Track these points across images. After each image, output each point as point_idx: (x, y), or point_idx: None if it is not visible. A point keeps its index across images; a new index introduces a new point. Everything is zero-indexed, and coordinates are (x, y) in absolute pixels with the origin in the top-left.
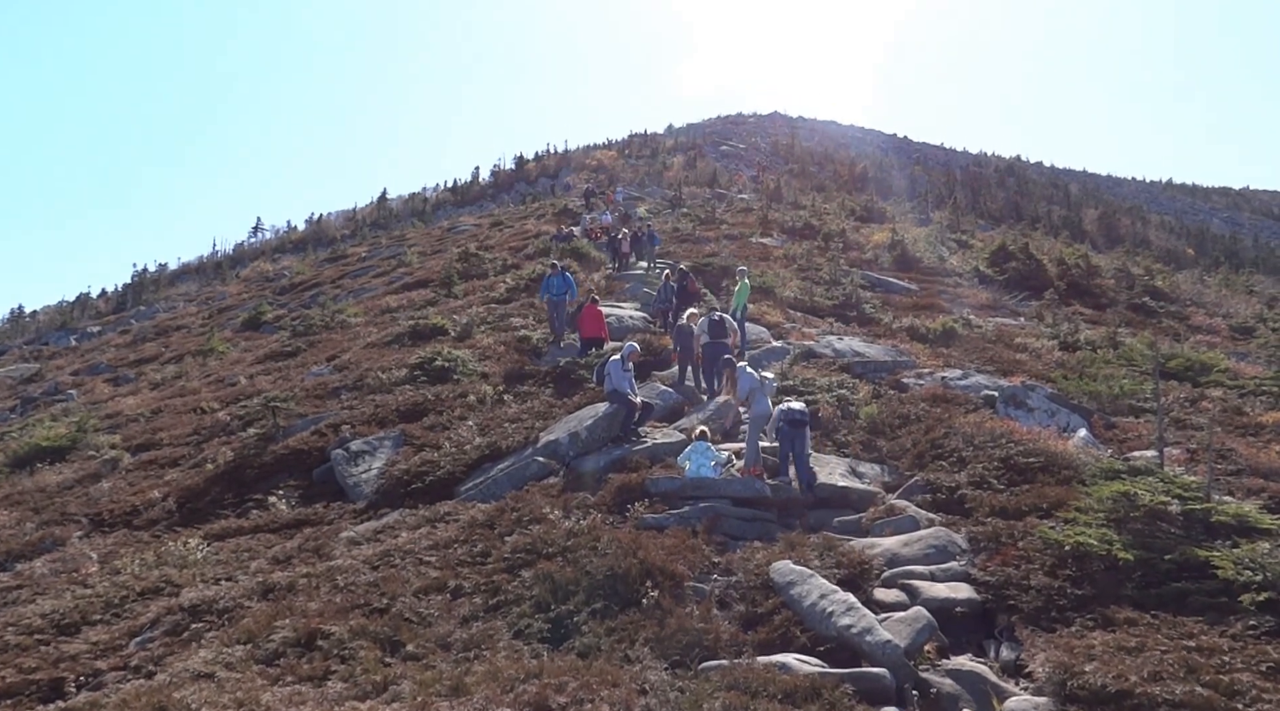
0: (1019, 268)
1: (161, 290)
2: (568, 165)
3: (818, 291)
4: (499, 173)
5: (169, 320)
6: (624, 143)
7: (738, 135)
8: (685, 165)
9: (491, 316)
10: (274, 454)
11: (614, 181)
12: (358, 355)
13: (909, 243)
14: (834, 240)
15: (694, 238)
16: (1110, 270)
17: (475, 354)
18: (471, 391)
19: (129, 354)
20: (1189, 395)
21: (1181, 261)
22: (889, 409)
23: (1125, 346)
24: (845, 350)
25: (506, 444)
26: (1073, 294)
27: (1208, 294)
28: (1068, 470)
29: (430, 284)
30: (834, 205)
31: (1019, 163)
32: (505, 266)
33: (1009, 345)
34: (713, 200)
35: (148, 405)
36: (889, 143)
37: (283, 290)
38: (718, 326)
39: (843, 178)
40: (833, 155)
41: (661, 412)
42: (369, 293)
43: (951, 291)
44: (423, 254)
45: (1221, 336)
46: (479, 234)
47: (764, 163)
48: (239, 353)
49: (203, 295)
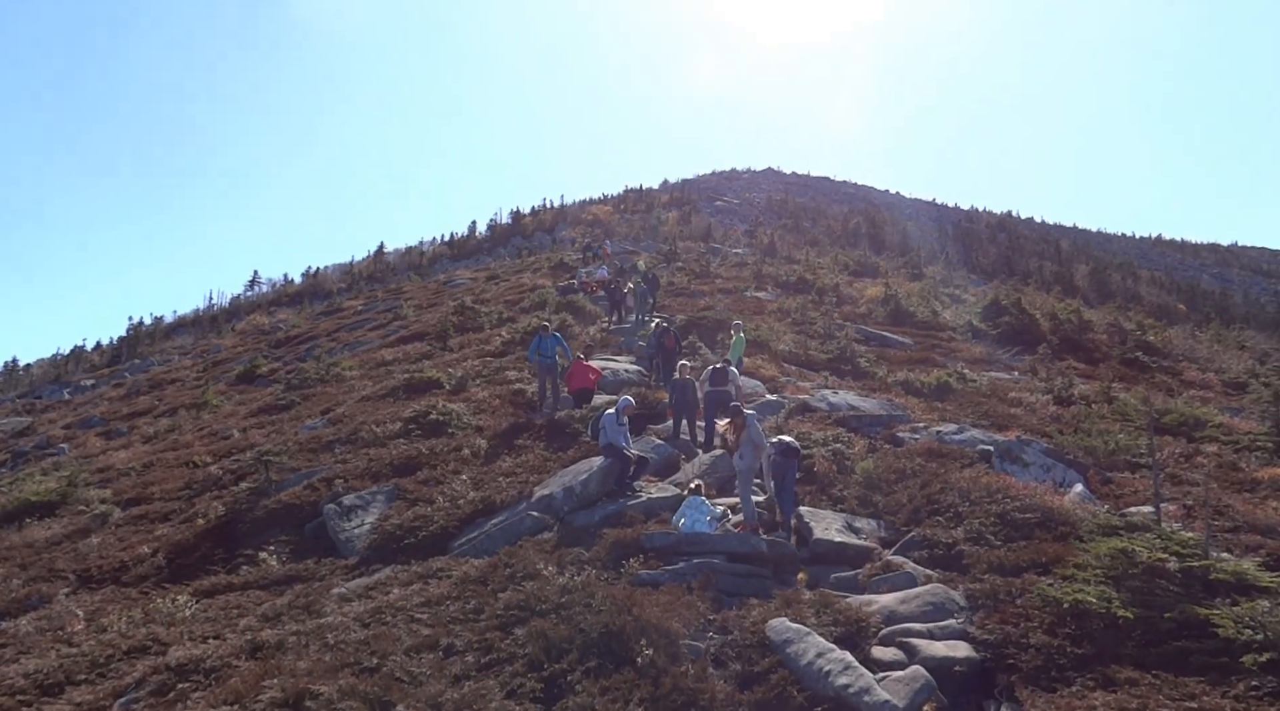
0: (1012, 322)
1: (157, 343)
2: (564, 220)
3: (812, 345)
4: (495, 227)
5: (163, 373)
6: (619, 197)
7: (732, 190)
8: (680, 220)
9: (487, 370)
10: (266, 508)
11: (609, 236)
12: (352, 408)
13: (902, 297)
14: (828, 294)
15: (689, 291)
16: (1103, 325)
17: (470, 407)
18: (466, 445)
19: (122, 407)
20: (1184, 450)
21: (1173, 316)
22: (885, 463)
23: (1119, 401)
24: (840, 404)
25: (501, 498)
26: (1066, 348)
27: (1200, 349)
28: (1065, 526)
29: (426, 337)
30: (827, 260)
31: (1010, 218)
32: (501, 320)
33: (1003, 399)
34: (707, 254)
35: (139, 459)
36: (881, 199)
37: (278, 343)
38: (719, 375)
39: (836, 233)
40: (825, 210)
41: (656, 466)
42: (364, 346)
43: (945, 345)
44: (419, 307)
45: (1215, 391)
46: (475, 287)
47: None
48: (233, 406)
49: (198, 348)
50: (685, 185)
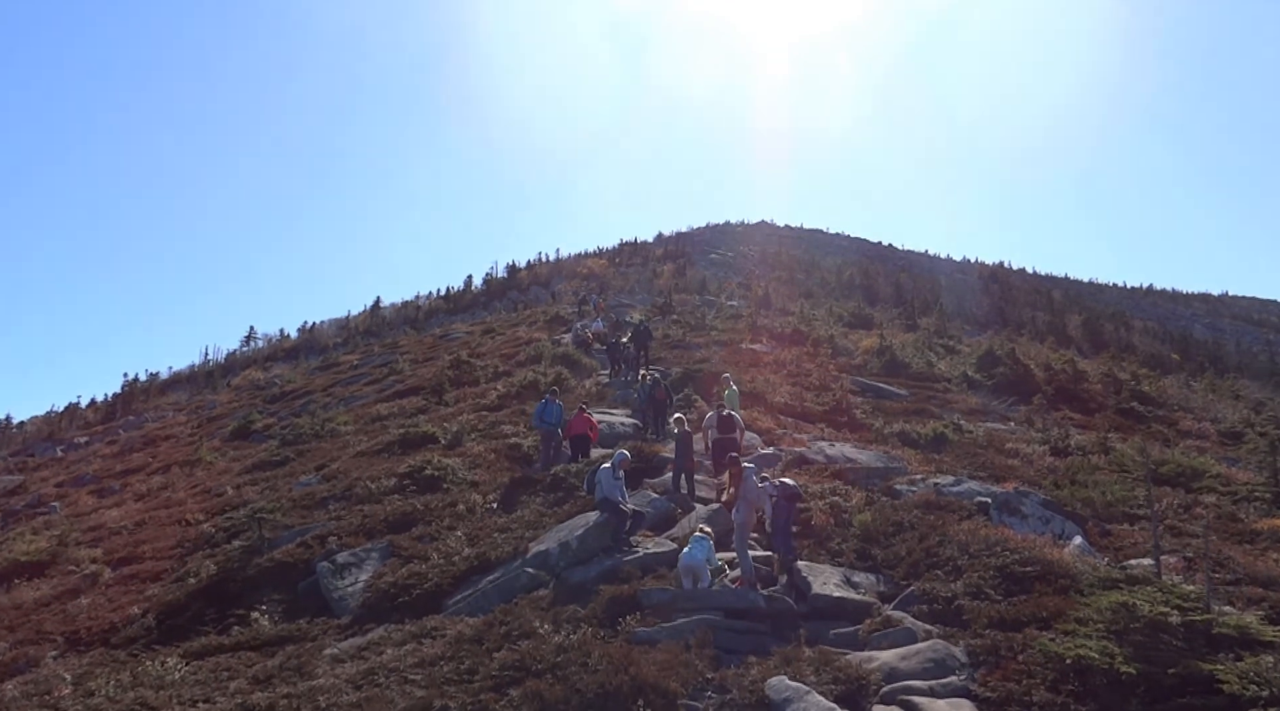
0: (1007, 373)
1: (152, 399)
2: (559, 273)
3: (808, 397)
4: (491, 281)
5: (158, 429)
6: (614, 251)
7: (726, 243)
8: (675, 273)
9: (482, 424)
10: (258, 567)
11: (605, 289)
12: (347, 464)
13: (897, 348)
14: (823, 346)
15: (684, 344)
16: (1097, 375)
17: (465, 462)
18: (461, 501)
19: (115, 464)
20: (1182, 501)
21: (1166, 366)
22: (882, 516)
23: (1116, 452)
24: (837, 456)
25: (496, 555)
26: (1061, 399)
27: (1194, 398)
28: (1065, 579)
29: (422, 391)
30: (822, 311)
31: (1002, 269)
32: (496, 373)
33: (1000, 450)
34: (702, 307)
35: (132, 517)
36: (874, 250)
37: (273, 398)
38: (726, 422)
39: (830, 284)
40: (819, 262)
41: (653, 521)
42: (360, 400)
43: (941, 396)
44: (415, 361)
45: (1211, 441)
46: (471, 341)
47: (753, 270)
48: (227, 462)
49: (193, 404)
50: (679, 238)
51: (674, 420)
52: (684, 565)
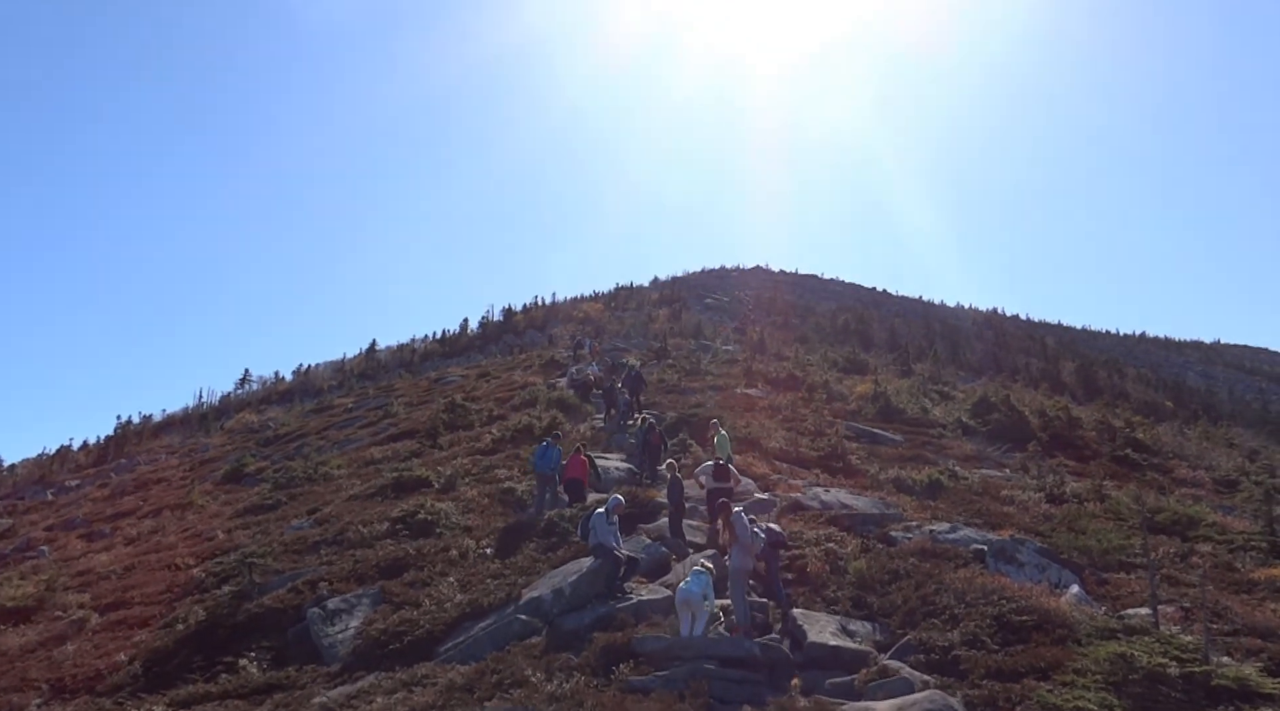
0: (1001, 419)
1: (145, 442)
2: (555, 317)
3: (803, 442)
4: (487, 324)
5: (150, 472)
6: (610, 295)
7: (721, 288)
8: (670, 317)
9: (476, 468)
10: (248, 613)
11: (600, 333)
12: (339, 508)
13: (892, 394)
14: (818, 391)
15: (680, 389)
16: (1091, 422)
17: (459, 506)
18: (454, 546)
19: (106, 508)
20: (1179, 550)
21: (1161, 413)
22: (878, 563)
23: (1111, 499)
24: (832, 502)
25: (488, 601)
26: (1056, 445)
27: (1189, 446)
28: (1062, 629)
29: (416, 435)
30: (817, 356)
31: (996, 315)
32: (491, 417)
33: (995, 497)
34: (697, 351)
35: (121, 562)
36: (868, 296)
37: (267, 441)
38: (721, 471)
39: (824, 329)
40: (814, 307)
41: (647, 567)
42: (354, 444)
43: (936, 442)
44: (409, 405)
45: (1206, 489)
46: (466, 385)
47: (747, 314)
48: (219, 506)
49: (186, 447)
50: (675, 283)
51: (666, 466)
52: (681, 598)
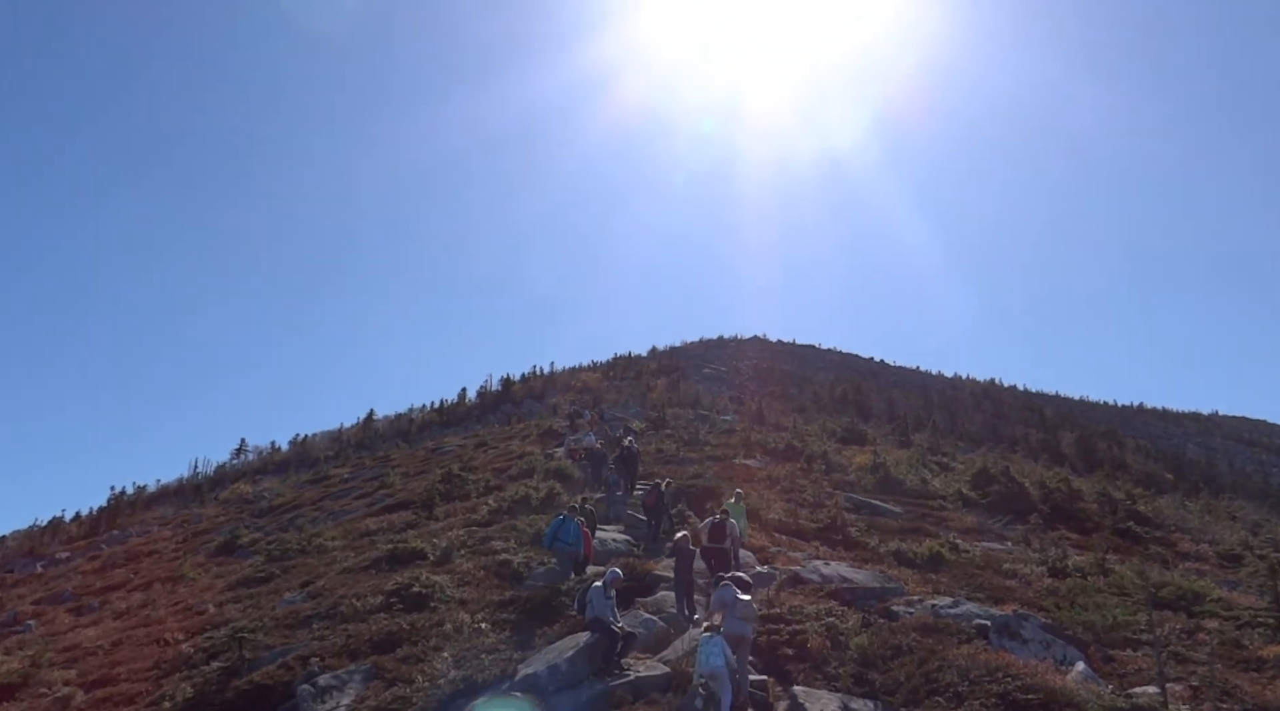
0: (1001, 491)
1: (138, 513)
2: (553, 386)
3: (802, 514)
4: (485, 393)
5: (141, 545)
6: (608, 365)
7: (719, 358)
8: (668, 387)
9: (472, 539)
10: (237, 689)
11: (598, 403)
12: (333, 581)
13: (891, 465)
14: (817, 462)
15: (678, 459)
16: (1092, 494)
17: (454, 579)
18: (449, 619)
19: (96, 581)
20: (1185, 626)
21: (1161, 485)
22: (880, 639)
23: (1115, 573)
24: (832, 575)
25: (483, 677)
26: (1057, 518)
27: (1191, 519)
28: (1069, 708)
29: (412, 505)
30: (815, 427)
31: (994, 386)
32: (488, 488)
33: (998, 571)
34: (695, 421)
35: (109, 636)
36: (866, 366)
37: (261, 512)
38: (717, 529)
39: (823, 399)
40: (812, 377)
41: (645, 642)
42: (349, 515)
43: (936, 514)
44: (405, 475)
45: (1210, 564)
46: (463, 454)
47: (745, 384)
48: (210, 578)
49: (179, 518)
50: (673, 352)
51: (678, 538)
52: (706, 672)
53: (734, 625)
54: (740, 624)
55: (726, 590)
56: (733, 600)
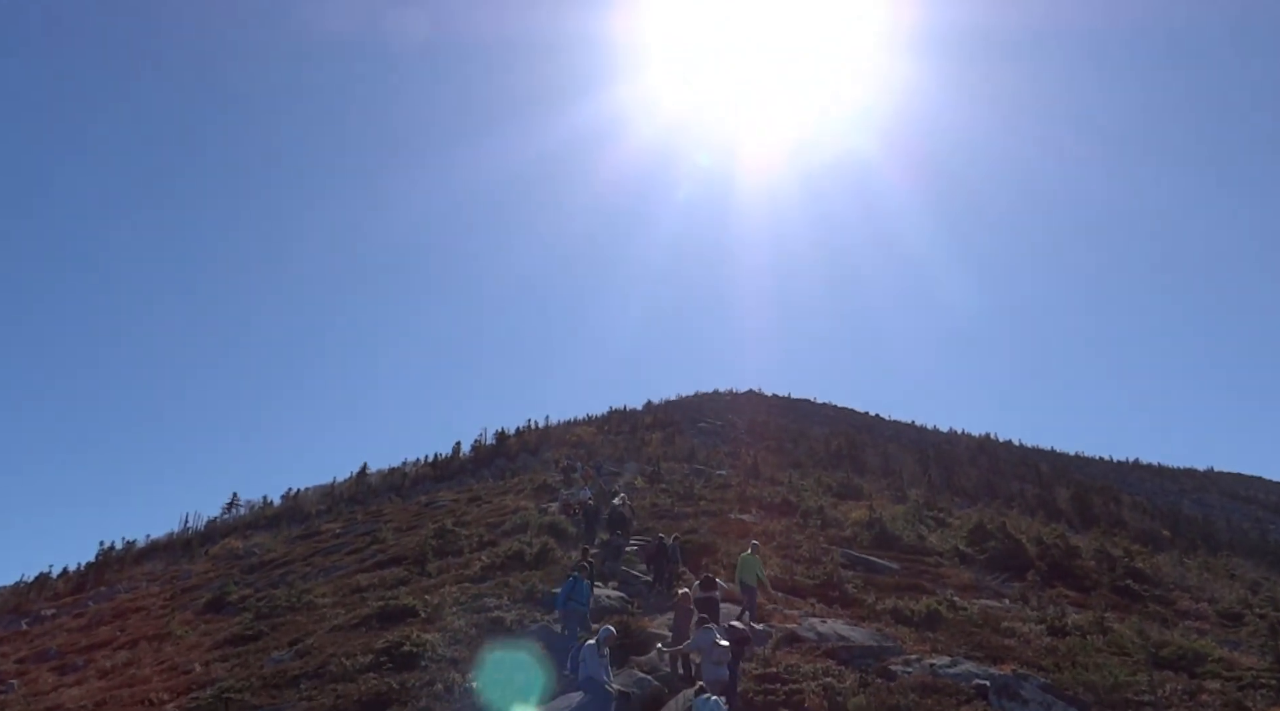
0: (998, 547)
1: (126, 569)
2: (548, 440)
3: (798, 570)
4: (479, 447)
5: (129, 601)
6: (604, 419)
7: (715, 412)
8: (663, 441)
9: (465, 597)
10: None
11: (593, 457)
12: (322, 639)
13: (887, 520)
14: (812, 517)
15: (673, 513)
16: (1090, 551)
17: (445, 637)
18: (440, 679)
19: (81, 638)
20: (1186, 686)
21: (1159, 543)
22: (878, 699)
23: (1115, 632)
24: (829, 633)
25: None
26: (1054, 575)
27: (1190, 577)
28: None
29: (404, 561)
30: (811, 481)
31: (989, 441)
32: (481, 543)
33: (996, 629)
34: (691, 476)
35: (93, 696)
36: (861, 421)
37: (251, 568)
38: (708, 582)
39: (818, 454)
40: (807, 432)
41: (640, 702)
42: (340, 571)
43: (933, 571)
44: (398, 530)
45: (1209, 623)
46: (456, 509)
47: (741, 438)
48: (198, 636)
49: (168, 574)
50: (669, 406)
51: (680, 594)
52: None
53: (710, 671)
54: (716, 669)
55: (706, 634)
56: (710, 645)
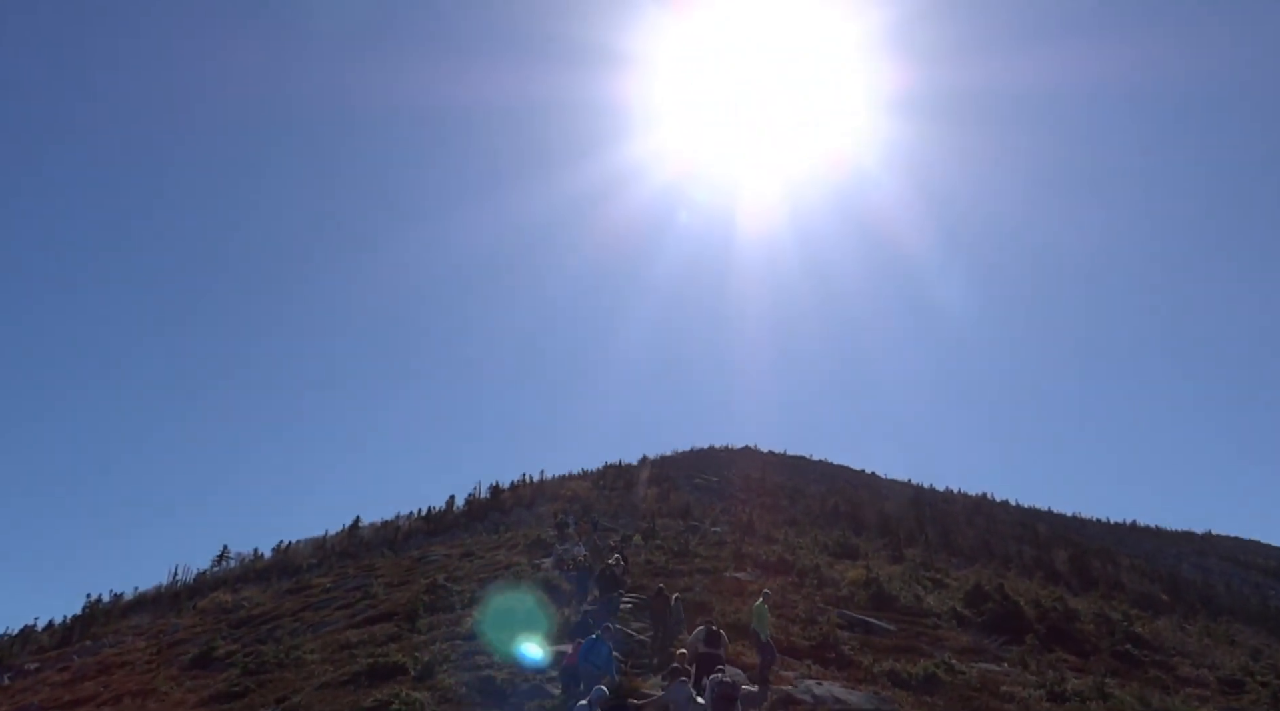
0: (996, 609)
1: (113, 622)
2: (543, 495)
3: (794, 630)
4: (473, 502)
5: (114, 655)
6: (599, 473)
7: (711, 467)
8: (659, 497)
9: (455, 654)
10: None
11: (588, 512)
12: (309, 697)
13: (884, 580)
14: (808, 576)
15: (667, 571)
16: (1089, 614)
17: (435, 696)
18: None
19: (64, 693)
20: None
21: (1158, 606)
22: None
23: (1115, 698)
24: (825, 696)
25: None
26: (1053, 638)
27: (1190, 642)
28: None
29: (394, 617)
30: (806, 539)
31: (986, 501)
32: (473, 599)
33: (995, 694)
34: (686, 533)
35: None
36: (858, 478)
37: (240, 623)
38: (713, 637)
39: (814, 512)
40: (803, 489)
41: None
42: (330, 626)
43: (931, 632)
44: (389, 585)
45: (1211, 690)
46: (449, 564)
47: (736, 495)
48: (183, 693)
49: (155, 628)
50: (664, 462)
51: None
52: None
53: None
54: None
55: (680, 689)
56: (685, 701)
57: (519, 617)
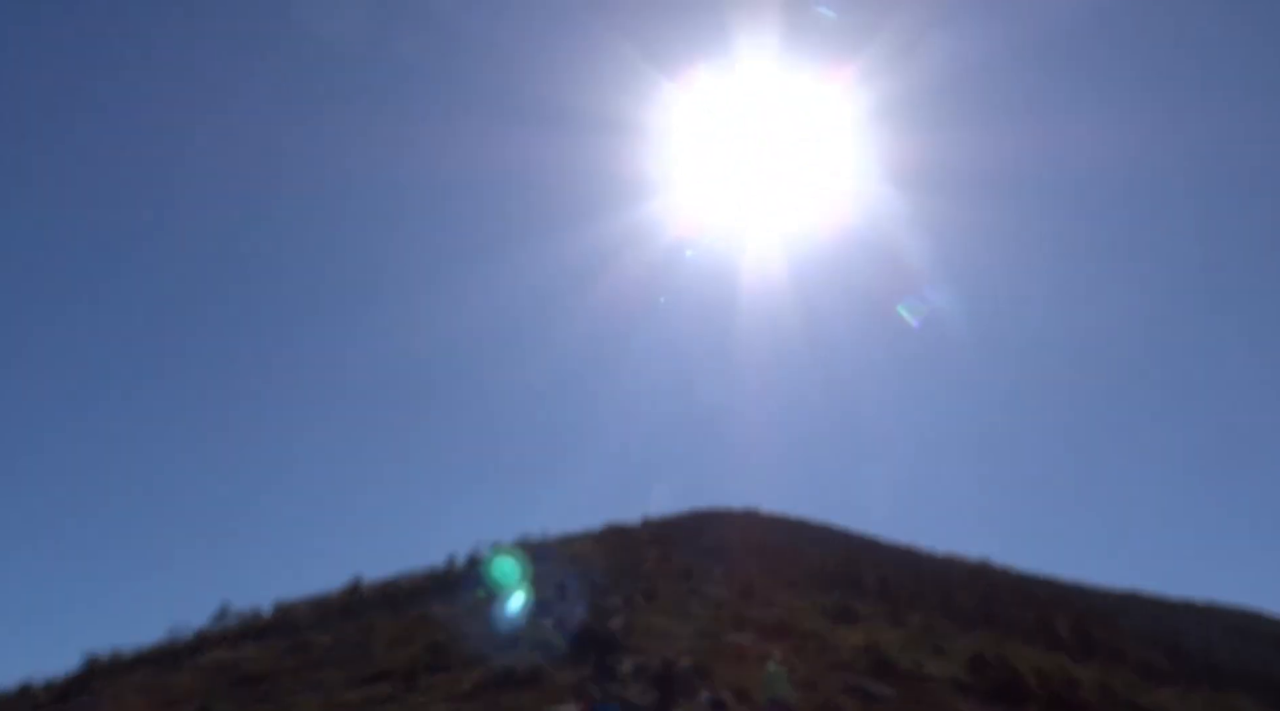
0: (997, 676)
1: (112, 680)
2: (544, 555)
3: (795, 696)
4: (475, 560)
5: None
6: (599, 534)
7: (712, 530)
8: (660, 559)
9: None
10: None
11: (588, 573)
12: None
13: (885, 646)
14: (809, 640)
15: (669, 634)
16: (1091, 684)
17: None
18: None
19: None
20: None
21: (1161, 676)
22: None
23: None
24: None
25: None
26: (1055, 707)
27: None
28: None
29: (393, 676)
30: (808, 604)
31: (986, 567)
32: (476, 658)
33: None
34: (687, 595)
35: None
36: (858, 542)
37: (239, 681)
38: None
39: (814, 576)
40: (804, 552)
41: None
42: (329, 686)
43: (932, 699)
44: (389, 644)
45: None
46: (450, 624)
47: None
48: None
49: (154, 685)
50: (666, 523)
51: None
52: None
53: None
54: None
55: None
56: None
57: None
